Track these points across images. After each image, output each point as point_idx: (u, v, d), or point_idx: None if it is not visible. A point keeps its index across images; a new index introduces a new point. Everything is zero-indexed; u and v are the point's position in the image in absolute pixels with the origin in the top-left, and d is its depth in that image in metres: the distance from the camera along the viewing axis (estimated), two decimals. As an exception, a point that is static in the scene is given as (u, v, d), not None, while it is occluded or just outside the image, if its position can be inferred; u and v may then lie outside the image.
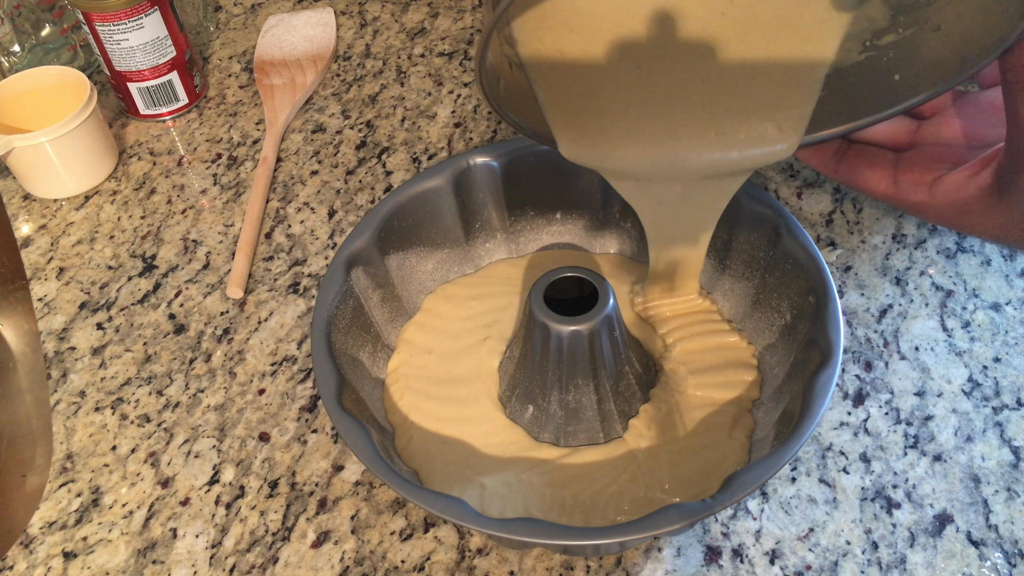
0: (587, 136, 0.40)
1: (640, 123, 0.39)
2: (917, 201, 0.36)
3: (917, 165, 0.36)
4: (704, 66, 0.38)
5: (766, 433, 0.45)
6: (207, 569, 0.45)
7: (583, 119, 0.40)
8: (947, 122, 0.38)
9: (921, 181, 0.36)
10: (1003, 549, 0.44)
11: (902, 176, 0.36)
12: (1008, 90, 0.31)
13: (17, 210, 0.64)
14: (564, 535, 0.37)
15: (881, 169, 0.37)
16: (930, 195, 0.35)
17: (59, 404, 0.52)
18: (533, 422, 0.46)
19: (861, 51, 0.37)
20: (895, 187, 0.36)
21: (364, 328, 0.49)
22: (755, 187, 0.48)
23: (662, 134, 0.39)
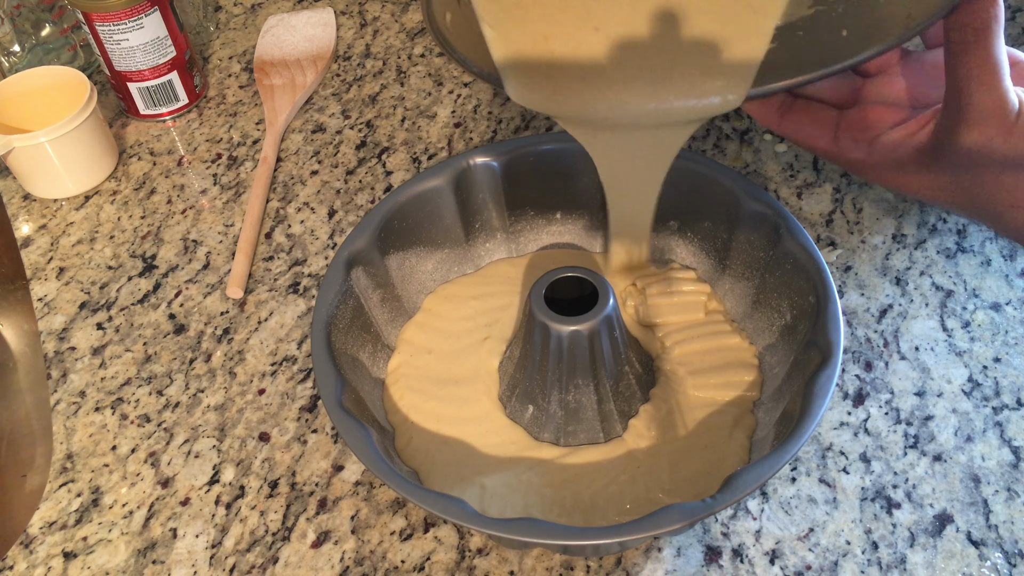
0: (534, 79, 0.40)
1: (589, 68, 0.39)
2: (856, 159, 0.36)
3: (858, 123, 0.37)
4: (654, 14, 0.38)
5: (766, 433, 0.45)
6: (207, 569, 0.45)
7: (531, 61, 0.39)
8: (891, 81, 0.38)
9: (861, 139, 0.36)
10: (1003, 549, 0.44)
11: (843, 133, 0.37)
12: (949, 50, 0.32)
13: (17, 210, 0.64)
14: (564, 535, 0.37)
15: (823, 126, 0.37)
16: (868, 153, 0.35)
17: (59, 404, 0.52)
18: (533, 422, 0.46)
19: (811, 4, 0.37)
20: (836, 144, 0.37)
21: (364, 328, 0.49)
22: (755, 187, 0.48)
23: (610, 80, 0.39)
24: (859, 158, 0.36)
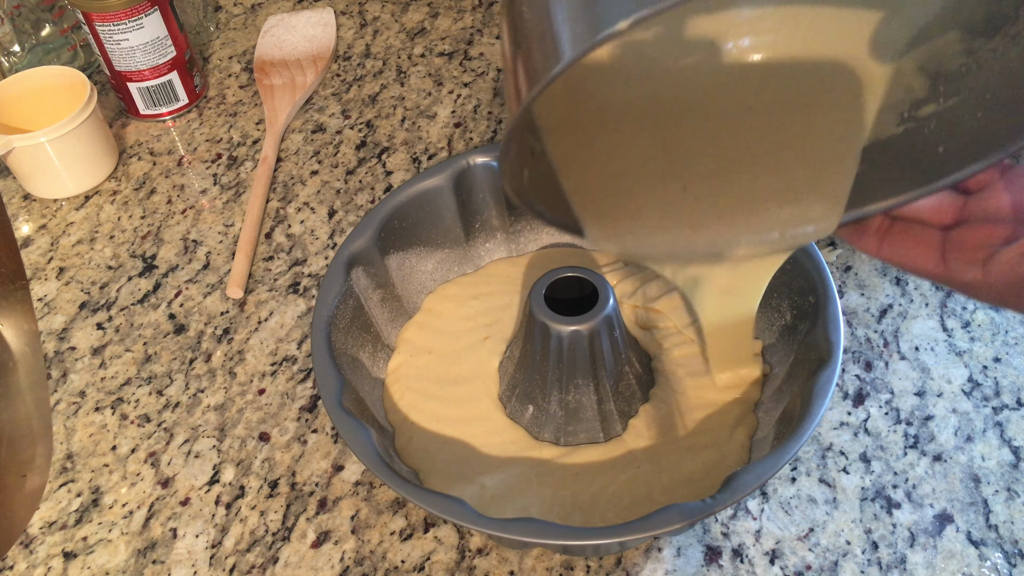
0: (619, 225, 0.38)
1: (673, 209, 0.38)
2: (970, 280, 0.33)
3: (967, 242, 0.34)
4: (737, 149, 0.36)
5: (766, 433, 0.45)
6: (207, 569, 0.45)
7: (614, 207, 0.38)
8: (996, 196, 0.35)
9: (973, 259, 0.33)
10: (1003, 549, 0.44)
11: (952, 254, 0.34)
12: None
13: (17, 210, 0.64)
14: (564, 535, 0.37)
15: (928, 247, 0.35)
16: (984, 273, 0.33)
17: (59, 404, 0.52)
18: (533, 422, 0.46)
19: (899, 123, 0.35)
20: (945, 266, 0.34)
21: (364, 328, 0.49)
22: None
23: (696, 219, 0.38)
24: (973, 278, 0.33)
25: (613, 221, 0.38)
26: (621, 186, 0.37)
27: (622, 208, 0.38)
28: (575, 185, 0.37)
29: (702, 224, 0.38)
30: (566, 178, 0.37)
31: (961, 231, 0.35)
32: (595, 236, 0.38)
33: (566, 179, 0.37)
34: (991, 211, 0.35)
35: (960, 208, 0.36)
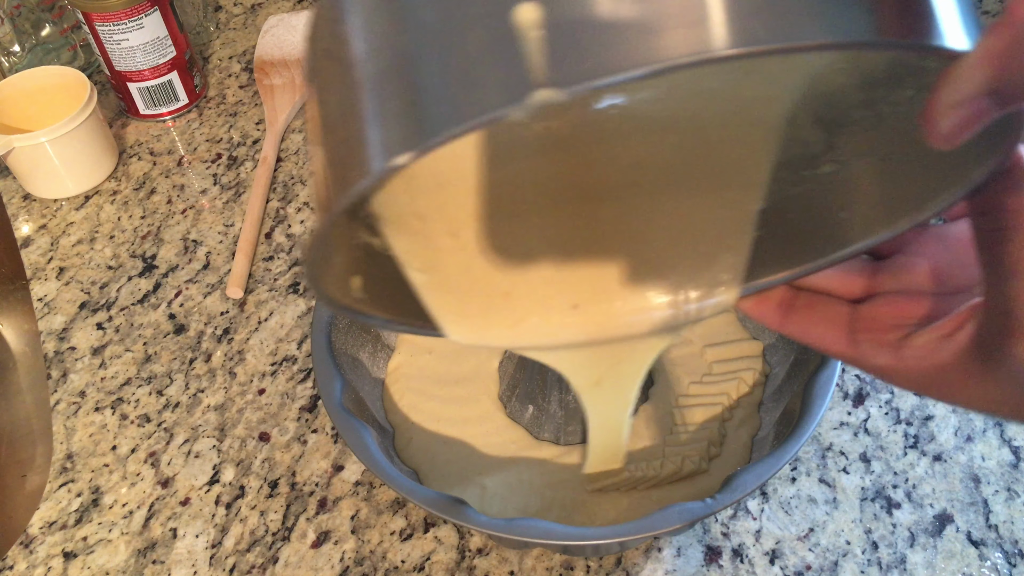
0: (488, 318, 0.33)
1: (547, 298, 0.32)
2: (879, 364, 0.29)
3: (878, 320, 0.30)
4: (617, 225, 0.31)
5: (766, 433, 0.45)
6: (207, 569, 0.45)
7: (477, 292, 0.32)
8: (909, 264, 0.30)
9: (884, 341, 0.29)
10: (1003, 549, 0.44)
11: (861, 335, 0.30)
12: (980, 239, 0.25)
13: (17, 210, 0.64)
14: (564, 535, 0.37)
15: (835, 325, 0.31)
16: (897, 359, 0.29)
17: (59, 404, 0.52)
18: (533, 422, 0.46)
19: (796, 182, 0.31)
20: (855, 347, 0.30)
21: (364, 328, 0.49)
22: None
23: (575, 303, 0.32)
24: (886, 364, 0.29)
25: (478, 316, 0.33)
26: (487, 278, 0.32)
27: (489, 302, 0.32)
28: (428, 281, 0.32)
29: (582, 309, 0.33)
30: (416, 272, 0.31)
31: (872, 306, 0.30)
32: (458, 333, 0.33)
33: (416, 273, 0.31)
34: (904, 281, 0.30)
35: (870, 278, 0.31)
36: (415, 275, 0.31)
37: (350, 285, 0.30)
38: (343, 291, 0.29)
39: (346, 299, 0.29)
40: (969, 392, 0.27)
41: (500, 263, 0.31)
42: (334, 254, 0.28)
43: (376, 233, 0.30)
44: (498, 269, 0.31)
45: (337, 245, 0.28)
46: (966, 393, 0.27)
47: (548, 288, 0.32)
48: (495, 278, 0.32)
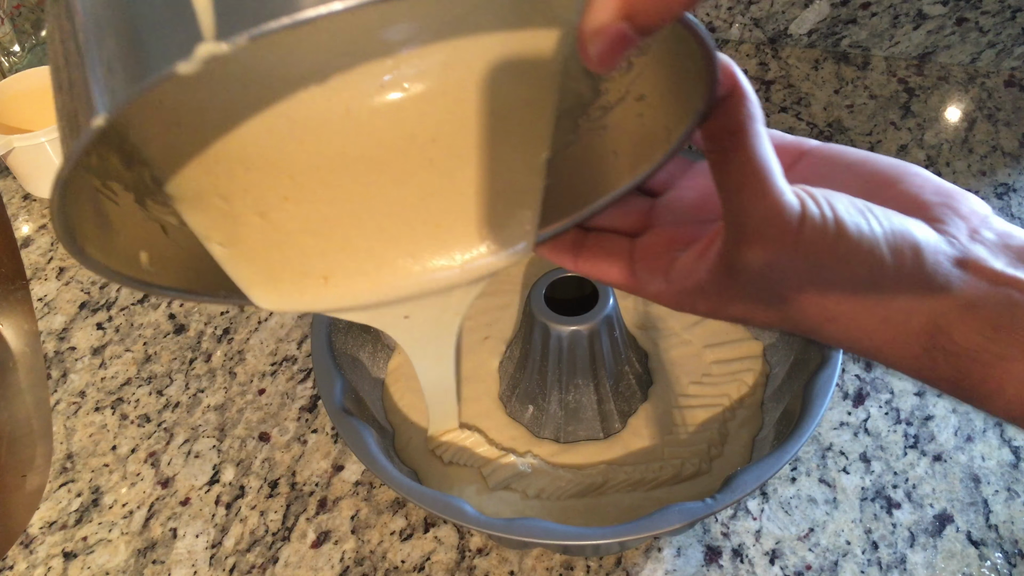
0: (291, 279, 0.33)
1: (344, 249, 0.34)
2: (655, 291, 0.31)
3: (650, 250, 0.32)
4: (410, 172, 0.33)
5: (766, 433, 0.45)
6: (207, 569, 0.45)
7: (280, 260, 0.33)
8: (677, 197, 0.34)
9: (656, 268, 0.31)
10: (1003, 549, 0.44)
11: (638, 265, 0.32)
12: (711, 163, 0.27)
13: (17, 210, 0.64)
14: (564, 535, 0.37)
15: (618, 258, 0.33)
16: (667, 282, 0.31)
17: (59, 404, 0.52)
18: (533, 422, 0.46)
19: (573, 130, 0.33)
20: (634, 277, 0.32)
21: (364, 328, 0.49)
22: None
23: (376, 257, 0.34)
24: (659, 289, 0.31)
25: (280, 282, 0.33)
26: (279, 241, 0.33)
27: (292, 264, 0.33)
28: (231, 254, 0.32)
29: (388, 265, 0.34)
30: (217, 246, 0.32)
31: (646, 237, 0.33)
32: (263, 299, 0.33)
33: (217, 247, 0.32)
34: (674, 213, 0.33)
35: (647, 213, 0.34)
36: (217, 248, 0.32)
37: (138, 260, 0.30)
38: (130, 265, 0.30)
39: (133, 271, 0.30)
40: (724, 304, 0.30)
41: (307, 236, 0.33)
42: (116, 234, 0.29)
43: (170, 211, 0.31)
44: (305, 241, 0.33)
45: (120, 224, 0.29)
46: (722, 305, 0.30)
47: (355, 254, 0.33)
48: (303, 250, 0.33)
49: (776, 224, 0.26)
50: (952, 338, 0.27)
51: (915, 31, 0.69)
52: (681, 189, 0.34)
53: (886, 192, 0.29)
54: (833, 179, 0.30)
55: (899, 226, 0.26)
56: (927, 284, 0.27)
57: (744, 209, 0.27)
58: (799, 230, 0.26)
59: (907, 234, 0.26)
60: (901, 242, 0.26)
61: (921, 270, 0.26)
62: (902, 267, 0.26)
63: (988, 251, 0.27)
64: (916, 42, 0.70)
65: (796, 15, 0.71)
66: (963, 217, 0.27)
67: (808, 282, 0.27)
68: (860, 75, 0.70)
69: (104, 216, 0.28)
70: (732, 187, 0.27)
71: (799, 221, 0.26)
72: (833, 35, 0.71)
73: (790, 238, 0.26)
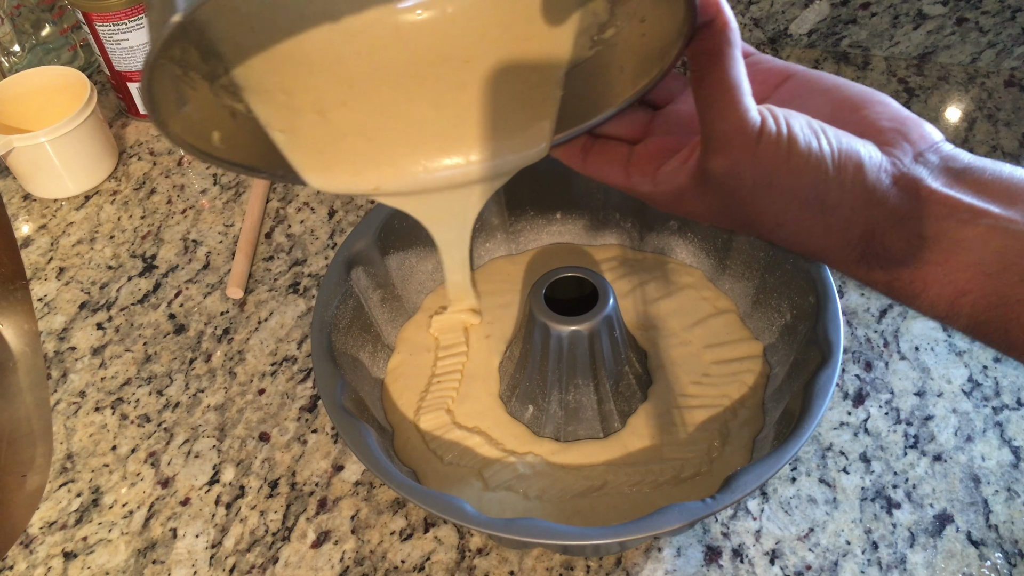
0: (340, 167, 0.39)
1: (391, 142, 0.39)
2: (644, 192, 0.36)
3: (644, 156, 0.37)
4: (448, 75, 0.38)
5: (766, 433, 0.45)
6: (207, 569, 0.45)
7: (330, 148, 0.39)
8: (676, 110, 0.38)
9: (646, 172, 0.36)
10: (1003, 549, 0.44)
11: (632, 168, 0.37)
12: (692, 79, 0.32)
13: (17, 210, 0.64)
14: (564, 535, 0.37)
15: (617, 163, 0.38)
16: (654, 185, 0.36)
17: (59, 404, 0.52)
18: (533, 422, 0.46)
19: (591, 46, 0.38)
20: (628, 179, 0.37)
21: (364, 328, 0.49)
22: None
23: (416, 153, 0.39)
24: (647, 191, 0.36)
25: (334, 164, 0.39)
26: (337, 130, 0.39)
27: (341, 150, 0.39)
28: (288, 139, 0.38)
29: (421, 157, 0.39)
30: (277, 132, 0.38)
31: (642, 145, 0.37)
32: (316, 180, 0.39)
33: (277, 133, 0.38)
34: (671, 124, 0.38)
35: (647, 124, 0.38)
36: (278, 135, 0.37)
37: (211, 138, 0.36)
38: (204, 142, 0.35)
39: (207, 147, 0.35)
40: (699, 208, 0.34)
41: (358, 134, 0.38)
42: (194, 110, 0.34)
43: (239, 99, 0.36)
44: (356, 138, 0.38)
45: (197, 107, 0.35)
46: (697, 208, 0.34)
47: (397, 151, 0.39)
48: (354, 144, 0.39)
49: (738, 136, 0.30)
50: (884, 244, 0.31)
51: (915, 31, 0.69)
52: (679, 103, 0.38)
53: (850, 116, 0.33)
54: (809, 101, 0.34)
55: (847, 145, 0.30)
56: (866, 198, 0.30)
57: (713, 122, 0.31)
58: (757, 143, 0.30)
59: (853, 153, 0.30)
60: (846, 160, 0.30)
61: (862, 185, 0.30)
62: (844, 182, 0.30)
63: (928, 172, 0.31)
64: (916, 42, 0.70)
65: (796, 15, 0.71)
66: (911, 142, 0.31)
67: (763, 189, 0.31)
68: (860, 75, 0.70)
69: (184, 99, 0.34)
70: (705, 102, 0.31)
71: (757, 135, 0.30)
72: (833, 35, 0.71)
73: (749, 149, 0.30)
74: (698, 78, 0.31)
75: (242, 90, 0.36)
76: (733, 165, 0.31)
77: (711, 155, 0.32)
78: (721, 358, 0.49)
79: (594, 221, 0.55)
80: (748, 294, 0.50)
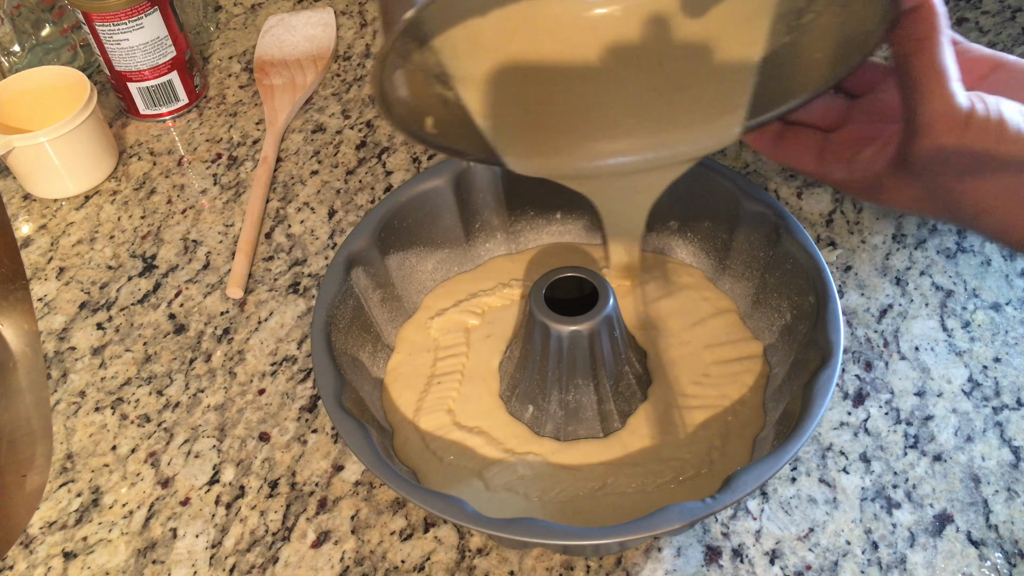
0: (538, 150, 0.42)
1: (588, 129, 0.41)
2: (838, 178, 0.37)
3: (841, 143, 0.37)
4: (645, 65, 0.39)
5: (766, 433, 0.45)
6: (207, 569, 0.45)
7: (531, 135, 0.41)
8: (876, 99, 0.38)
9: (841, 158, 0.37)
10: (1003, 549, 0.44)
11: (827, 155, 0.37)
12: (896, 63, 0.32)
13: (17, 210, 0.64)
14: (564, 535, 0.37)
15: (810, 149, 0.38)
16: (849, 171, 0.36)
17: (59, 404, 0.52)
18: (533, 422, 0.46)
19: (787, 32, 0.38)
20: (821, 166, 0.37)
21: (364, 328, 0.49)
22: (755, 187, 0.48)
23: (612, 136, 0.41)
24: (841, 177, 0.36)
25: (535, 150, 0.42)
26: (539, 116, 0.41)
27: (542, 136, 0.41)
28: (493, 125, 0.40)
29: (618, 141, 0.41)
30: (483, 120, 0.40)
31: (839, 133, 0.38)
32: (516, 164, 0.42)
33: (483, 120, 0.40)
34: (870, 113, 0.38)
35: (844, 112, 0.38)
36: (483, 122, 0.40)
37: (424, 123, 0.39)
38: (419, 127, 0.39)
39: (421, 132, 0.39)
40: (899, 195, 0.34)
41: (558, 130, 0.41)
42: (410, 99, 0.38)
43: (449, 88, 0.39)
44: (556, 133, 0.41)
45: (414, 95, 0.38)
46: (897, 196, 0.34)
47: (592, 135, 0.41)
48: (553, 138, 0.41)
49: (945, 120, 0.30)
50: None
51: (915, 31, 0.69)
52: (880, 92, 0.38)
53: None
54: (1020, 92, 0.33)
55: None
56: None
57: (919, 104, 0.31)
58: (965, 127, 0.30)
59: None
60: None
61: None
62: None
63: None
64: (916, 42, 0.70)
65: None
66: None
67: (968, 175, 0.31)
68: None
69: (404, 88, 0.37)
70: (911, 86, 0.31)
71: (966, 119, 0.30)
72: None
73: (956, 134, 0.30)
74: (903, 62, 0.31)
75: (452, 79, 0.39)
76: (939, 149, 0.31)
77: (916, 139, 0.31)
78: (721, 358, 0.49)
79: (594, 220, 0.55)
80: (748, 294, 0.50)
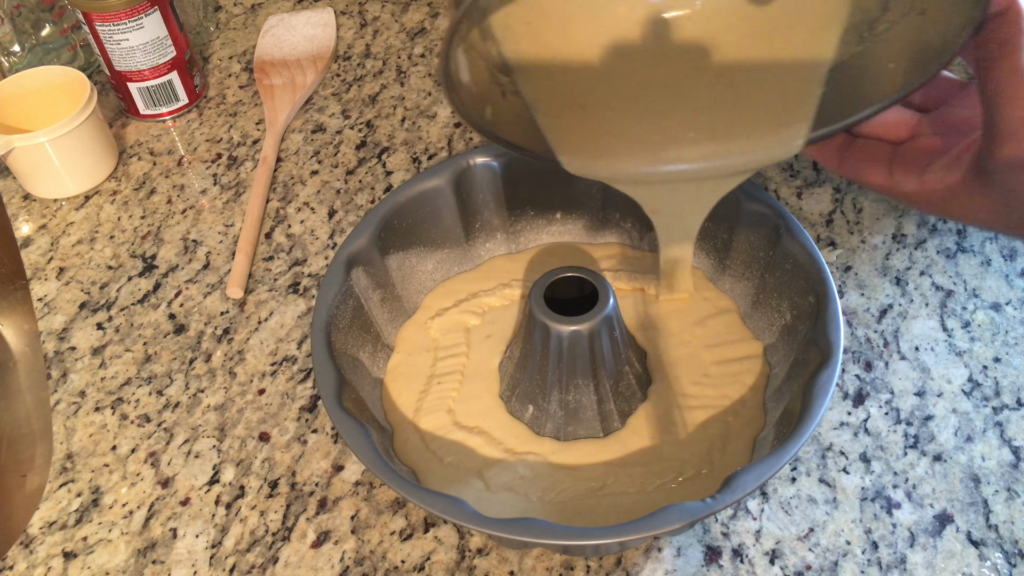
0: (594, 151, 0.41)
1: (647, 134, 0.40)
2: (909, 191, 0.36)
3: (911, 156, 0.36)
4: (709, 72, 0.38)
5: (766, 433, 0.45)
6: (207, 569, 0.45)
7: (588, 135, 0.41)
8: (948, 113, 0.37)
9: (912, 171, 0.36)
10: (1003, 549, 0.44)
11: (896, 168, 0.36)
12: (978, 68, 0.31)
13: (17, 210, 0.64)
14: (564, 535, 0.37)
15: (878, 162, 0.37)
16: (920, 184, 0.35)
17: (59, 404, 0.52)
18: (533, 422, 0.46)
19: (859, 42, 0.37)
20: (890, 179, 0.36)
21: (364, 328, 0.49)
22: (755, 187, 0.48)
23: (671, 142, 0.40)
24: (912, 190, 0.35)
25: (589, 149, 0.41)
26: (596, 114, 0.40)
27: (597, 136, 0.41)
28: (550, 122, 0.40)
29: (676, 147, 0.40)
30: (541, 115, 0.40)
31: (909, 145, 0.37)
32: (571, 163, 0.41)
33: (541, 117, 0.40)
34: (941, 127, 0.37)
35: (914, 125, 0.37)
36: (541, 118, 0.40)
37: (484, 112, 0.39)
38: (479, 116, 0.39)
39: (480, 121, 0.39)
40: (973, 208, 0.33)
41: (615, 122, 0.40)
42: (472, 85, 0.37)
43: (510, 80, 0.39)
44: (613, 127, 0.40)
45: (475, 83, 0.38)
46: (971, 210, 0.33)
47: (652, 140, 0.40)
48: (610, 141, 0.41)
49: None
50: None
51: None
52: (953, 106, 0.37)
53: None
54: None
55: None
56: None
57: (1002, 110, 0.30)
58: None
59: None
60: None
61: None
62: None
63: None
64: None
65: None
66: None
67: None
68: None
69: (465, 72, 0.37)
70: (992, 91, 0.30)
71: None
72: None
73: None
74: (986, 66, 0.30)
75: (513, 72, 0.39)
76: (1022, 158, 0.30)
77: (1000, 145, 0.30)
78: (721, 358, 0.49)
79: (594, 221, 0.55)
80: (748, 294, 0.50)
